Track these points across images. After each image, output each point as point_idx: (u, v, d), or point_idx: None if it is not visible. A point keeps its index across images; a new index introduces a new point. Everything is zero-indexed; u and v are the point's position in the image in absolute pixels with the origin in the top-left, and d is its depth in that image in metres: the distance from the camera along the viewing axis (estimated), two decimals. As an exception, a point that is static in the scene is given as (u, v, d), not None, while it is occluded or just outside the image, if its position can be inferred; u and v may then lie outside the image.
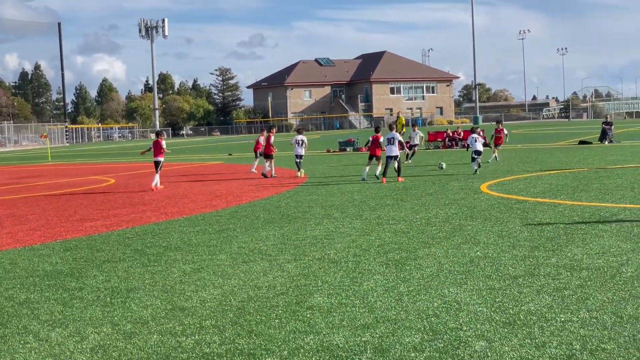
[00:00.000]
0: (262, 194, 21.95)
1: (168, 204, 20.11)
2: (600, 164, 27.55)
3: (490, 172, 25.76)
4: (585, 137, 48.73)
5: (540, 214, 15.20)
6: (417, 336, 7.37)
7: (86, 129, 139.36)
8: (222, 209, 18.52)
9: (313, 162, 36.87)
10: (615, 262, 10.32)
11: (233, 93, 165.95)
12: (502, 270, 10.16)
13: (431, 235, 13.30)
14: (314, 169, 31.49)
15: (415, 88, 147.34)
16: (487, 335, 7.30)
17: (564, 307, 8.17)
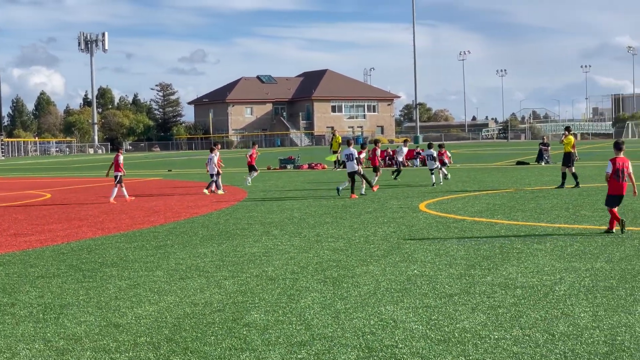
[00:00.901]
0: (201, 210, 21.82)
1: (105, 220, 19.87)
2: (536, 184, 28.00)
3: (429, 191, 26.00)
4: (522, 158, 49.51)
5: (477, 233, 15.37)
6: (353, 353, 7.39)
7: (22, 143, 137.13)
8: (160, 225, 18.35)
9: (253, 179, 36.75)
10: (549, 281, 10.48)
11: (174, 109, 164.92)
12: (439, 288, 10.24)
13: (369, 253, 13.36)
14: (254, 186, 31.42)
15: (357, 107, 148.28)
16: (422, 353, 7.34)
17: (497, 324, 8.26)
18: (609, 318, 8.40)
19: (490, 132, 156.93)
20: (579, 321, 8.30)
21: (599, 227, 15.65)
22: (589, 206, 19.82)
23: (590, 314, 8.61)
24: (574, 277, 10.68)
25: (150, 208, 22.80)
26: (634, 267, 11.30)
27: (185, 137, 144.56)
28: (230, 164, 54.00)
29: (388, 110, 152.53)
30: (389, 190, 26.91)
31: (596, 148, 74.18)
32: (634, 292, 9.61)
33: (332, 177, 36.10)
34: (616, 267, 11.30)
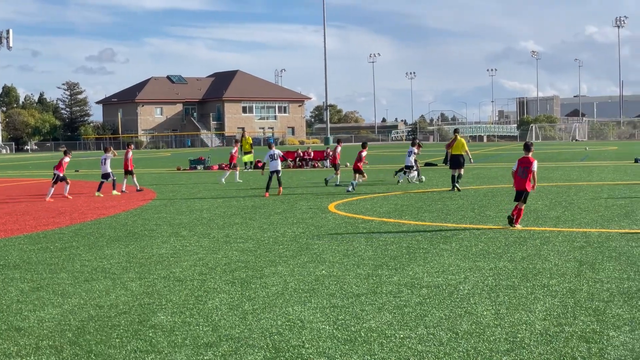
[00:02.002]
0: (109, 211, 21.48)
1: (8, 221, 19.37)
2: (443, 185, 28.45)
3: (338, 192, 26.16)
4: (431, 159, 50.25)
5: (385, 234, 15.55)
6: (260, 354, 7.39)
7: None
8: (66, 227, 18.00)
9: (163, 180, 36.40)
10: (454, 280, 10.68)
11: (81, 108, 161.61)
12: (346, 288, 10.33)
13: (278, 254, 13.38)
14: (164, 188, 31.08)
15: (268, 108, 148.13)
16: (328, 353, 7.39)
17: (403, 324, 8.38)
18: (510, 316, 8.61)
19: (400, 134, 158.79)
20: (482, 319, 8.49)
21: (504, 228, 16.02)
22: (494, 207, 20.26)
23: (492, 312, 8.81)
24: (478, 277, 10.91)
25: (55, 209, 22.33)
26: (535, 266, 11.61)
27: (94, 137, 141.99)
28: (140, 164, 53.29)
29: (299, 111, 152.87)
30: (299, 191, 26.97)
31: (502, 150, 75.87)
32: (535, 291, 9.88)
33: (242, 177, 35.93)
34: (518, 267, 11.59)
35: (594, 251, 12.83)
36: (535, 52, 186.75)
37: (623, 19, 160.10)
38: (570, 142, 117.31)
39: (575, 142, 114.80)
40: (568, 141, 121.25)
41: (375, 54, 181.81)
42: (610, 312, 8.70)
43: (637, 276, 10.67)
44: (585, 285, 10.15)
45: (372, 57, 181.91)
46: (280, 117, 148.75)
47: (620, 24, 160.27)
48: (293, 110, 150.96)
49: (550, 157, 53.31)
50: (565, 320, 8.40)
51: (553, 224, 16.53)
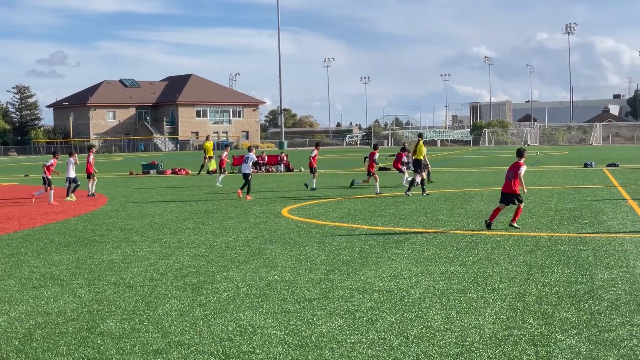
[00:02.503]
0: (59, 216, 21.21)
1: (-45, 227, 19.03)
2: (396, 190, 28.57)
3: (292, 197, 26.14)
4: (384, 164, 50.41)
5: (338, 238, 15.57)
6: (210, 360, 7.34)
7: None
8: (14, 232, 17.73)
9: (114, 184, 36.07)
10: (405, 285, 10.72)
11: (32, 112, 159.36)
12: (298, 293, 10.31)
13: (230, 259, 13.32)
14: (115, 192, 30.79)
15: (222, 112, 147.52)
16: (279, 358, 7.38)
17: (354, 328, 8.39)
18: (461, 320, 8.67)
19: (354, 138, 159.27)
20: (432, 323, 8.53)
21: (455, 232, 16.14)
22: (446, 211, 20.39)
23: (443, 316, 8.86)
24: (429, 281, 10.96)
25: (4, 214, 21.98)
26: (486, 270, 11.71)
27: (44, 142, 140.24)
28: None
29: (253, 115, 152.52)
30: (253, 196, 26.88)
31: (455, 155, 76.48)
32: (485, 295, 9.95)
33: (196, 182, 35.76)
34: (469, 271, 11.67)
35: (543, 255, 12.97)
36: (488, 57, 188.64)
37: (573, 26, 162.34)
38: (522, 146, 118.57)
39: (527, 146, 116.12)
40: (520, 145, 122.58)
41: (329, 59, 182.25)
42: (558, 315, 8.80)
43: (585, 279, 10.81)
44: (534, 289, 10.26)
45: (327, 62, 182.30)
46: (234, 122, 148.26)
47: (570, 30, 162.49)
48: (247, 115, 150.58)
49: (502, 161, 53.80)
50: (514, 323, 8.48)
51: (504, 228, 16.68)
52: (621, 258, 12.49)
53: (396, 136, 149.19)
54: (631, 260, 12.29)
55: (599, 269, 11.60)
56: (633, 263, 12.01)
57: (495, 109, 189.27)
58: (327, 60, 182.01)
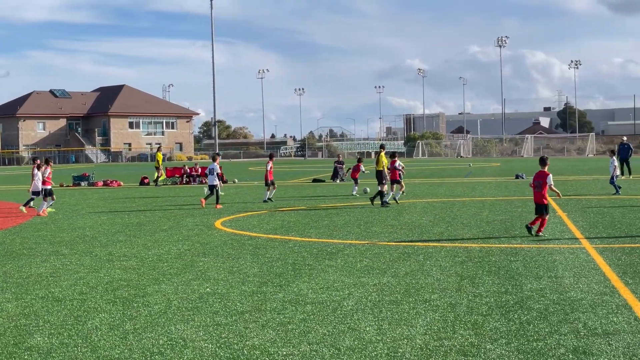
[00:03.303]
0: (-14, 229, 20.73)
1: None
2: (331, 201, 28.66)
3: (226, 209, 26.01)
4: (318, 176, 50.57)
5: (271, 250, 15.52)
6: (140, 375, 7.24)
7: None
8: (-61, 246, 17.28)
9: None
10: (338, 297, 10.74)
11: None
12: (230, 306, 10.25)
13: (162, 271, 13.18)
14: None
15: (155, 123, 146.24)
16: (210, 372, 7.30)
17: (286, 341, 8.36)
18: (392, 331, 8.71)
19: (289, 150, 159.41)
20: (364, 335, 8.55)
21: (388, 243, 16.24)
22: (379, 222, 20.50)
23: (375, 327, 8.89)
24: (362, 292, 11.00)
25: None
26: (418, 281, 11.79)
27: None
28: (20, 180, 51.80)
29: (187, 127, 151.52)
30: (186, 208, 26.70)
31: (388, 166, 76.89)
32: (417, 306, 10.02)
33: (128, 194, 35.36)
34: (401, 282, 11.74)
35: (474, 266, 13.12)
36: (422, 70, 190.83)
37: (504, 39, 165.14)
38: (455, 158, 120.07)
39: (460, 158, 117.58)
40: (453, 157, 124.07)
41: (264, 70, 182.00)
42: (488, 325, 8.90)
43: (515, 290, 10.96)
44: (465, 300, 10.36)
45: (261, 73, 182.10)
46: (168, 133, 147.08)
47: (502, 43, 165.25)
48: (181, 126, 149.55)
49: (436, 173, 54.43)
50: (445, 334, 8.55)
51: (436, 239, 16.84)
52: (550, 268, 12.70)
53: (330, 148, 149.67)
54: (560, 270, 12.51)
55: (528, 279, 11.78)
56: (561, 273, 12.22)
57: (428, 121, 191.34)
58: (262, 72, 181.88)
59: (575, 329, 8.66)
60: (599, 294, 10.56)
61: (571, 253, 14.34)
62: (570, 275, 12.04)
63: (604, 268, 12.58)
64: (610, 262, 13.19)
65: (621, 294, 10.52)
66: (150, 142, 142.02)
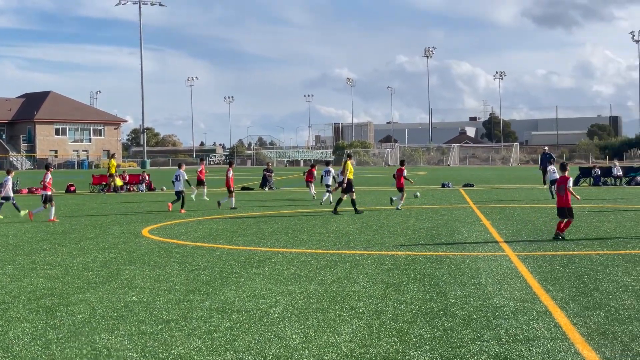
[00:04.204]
0: None
1: None
2: (260, 209, 28.63)
3: (153, 217, 25.78)
4: (247, 184, 50.46)
5: (199, 258, 15.45)
6: (62, 385, 7.14)
7: None
8: None
9: None
10: (265, 304, 10.75)
11: None
12: (156, 314, 10.18)
13: (87, 280, 13.01)
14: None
15: (82, 130, 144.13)
16: (134, 381, 7.25)
17: (212, 349, 8.35)
18: (318, 338, 8.76)
19: (218, 158, 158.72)
20: (290, 342, 8.59)
21: (316, 251, 16.30)
22: (307, 230, 20.57)
23: (301, 335, 8.93)
24: (289, 300, 11.03)
25: None
26: (344, 289, 11.88)
27: None
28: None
29: (115, 134, 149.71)
30: (113, 216, 26.38)
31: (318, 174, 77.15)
32: (343, 313, 10.10)
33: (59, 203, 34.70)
34: (328, 290, 11.81)
35: (400, 273, 13.27)
36: (350, 79, 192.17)
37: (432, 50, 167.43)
38: (383, 167, 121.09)
39: (388, 167, 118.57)
40: (381, 166, 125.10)
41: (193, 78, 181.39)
42: (413, 332, 9.02)
43: (439, 297, 11.12)
44: (391, 307, 10.48)
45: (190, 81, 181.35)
46: (95, 140, 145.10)
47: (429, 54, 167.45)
48: (109, 133, 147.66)
49: (364, 181, 54.75)
50: (370, 341, 8.63)
51: (363, 247, 16.98)
52: (474, 276, 12.91)
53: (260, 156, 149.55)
54: (483, 277, 12.73)
55: (452, 286, 11.96)
56: (485, 280, 12.44)
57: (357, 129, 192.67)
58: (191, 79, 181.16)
59: (498, 335, 8.83)
60: (521, 300, 10.79)
61: (494, 261, 14.61)
62: (494, 282, 12.27)
63: (525, 275, 12.86)
64: (532, 269, 13.48)
65: (542, 300, 10.77)
66: (77, 149, 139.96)
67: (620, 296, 11.00)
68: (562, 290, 11.48)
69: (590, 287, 11.75)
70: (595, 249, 16.17)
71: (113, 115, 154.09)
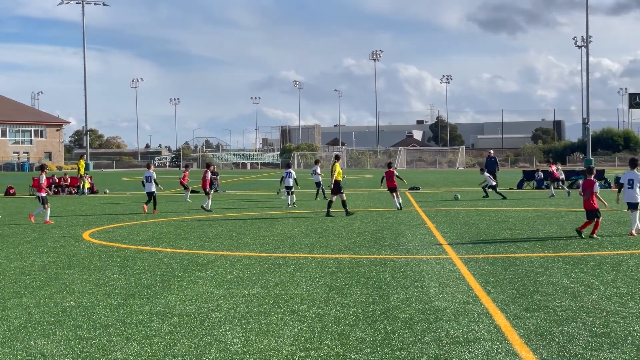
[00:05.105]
0: None
1: None
2: (205, 212, 28.41)
3: (95, 220, 25.41)
4: (193, 186, 50.03)
5: (140, 262, 15.25)
6: (-6, 393, 6.96)
7: None
8: None
9: None
10: (206, 308, 10.63)
11: None
12: (95, 319, 9.99)
13: (24, 284, 12.74)
14: None
15: (23, 131, 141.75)
16: (69, 388, 7.09)
17: (151, 354, 8.21)
18: (260, 342, 8.67)
19: (163, 160, 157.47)
20: (231, 347, 8.49)
21: (259, 254, 16.20)
22: (252, 233, 20.45)
23: (242, 339, 8.84)
24: (231, 304, 10.92)
25: None
26: (287, 292, 11.80)
27: None
28: None
29: (57, 135, 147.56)
30: (52, 219, 25.93)
31: (264, 177, 77.06)
32: (285, 317, 10.02)
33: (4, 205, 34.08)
34: (271, 293, 11.73)
35: (344, 276, 13.24)
36: (297, 82, 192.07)
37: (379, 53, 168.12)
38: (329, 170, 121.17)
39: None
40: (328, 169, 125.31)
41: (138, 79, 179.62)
42: (355, 335, 8.98)
43: (382, 300, 11.11)
44: (333, 310, 10.43)
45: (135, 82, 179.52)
46: (36, 142, 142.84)
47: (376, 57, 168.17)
48: (50, 135, 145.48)
49: (310, 184, 54.71)
50: (312, 344, 8.57)
51: (308, 250, 16.92)
52: (417, 278, 12.94)
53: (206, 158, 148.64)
54: (426, 280, 12.76)
55: (395, 289, 11.97)
56: (427, 283, 12.47)
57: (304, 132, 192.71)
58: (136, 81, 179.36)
59: (438, 337, 8.84)
60: (462, 303, 10.83)
61: (438, 263, 14.66)
62: (436, 285, 12.30)
63: (468, 278, 12.92)
64: (474, 271, 13.56)
65: (483, 302, 10.83)
66: (17, 151, 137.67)
67: (559, 298, 11.11)
68: (502, 292, 11.56)
69: (531, 289, 11.85)
70: (537, 251, 16.34)
71: (55, 117, 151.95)
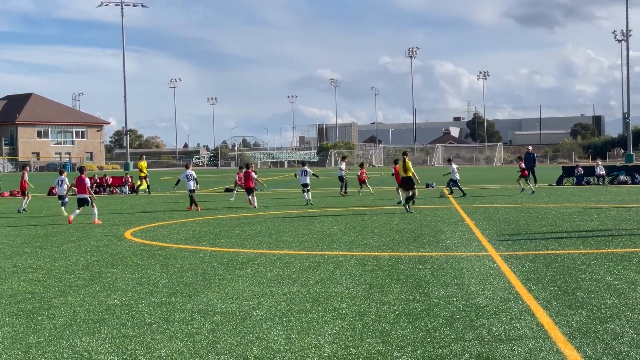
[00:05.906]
0: None
1: None
2: (242, 211, 28.58)
3: (136, 219, 25.68)
4: (231, 185, 50.32)
5: (181, 261, 15.39)
6: (42, 389, 7.09)
7: None
8: None
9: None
10: (247, 306, 10.71)
11: None
12: (138, 317, 10.12)
13: (69, 283, 12.93)
14: (-52, 215, 29.33)
15: (65, 132, 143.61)
16: (115, 385, 7.20)
17: (194, 352, 8.30)
18: (301, 340, 8.73)
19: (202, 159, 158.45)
20: (273, 344, 8.55)
21: (299, 253, 16.27)
22: (290, 232, 20.54)
23: (283, 337, 8.90)
24: (271, 302, 11.00)
25: None
26: (327, 290, 11.85)
27: None
28: None
29: (97, 136, 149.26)
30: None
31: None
32: (325, 314, 10.07)
33: (36, 205, 34.55)
34: (311, 291, 11.78)
35: (383, 274, 13.26)
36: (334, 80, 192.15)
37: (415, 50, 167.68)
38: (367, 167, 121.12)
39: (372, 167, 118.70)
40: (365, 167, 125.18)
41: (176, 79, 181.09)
42: (396, 333, 9.00)
43: (422, 297, 11.12)
44: (374, 308, 10.46)
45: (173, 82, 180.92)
46: (77, 142, 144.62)
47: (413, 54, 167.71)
48: (91, 135, 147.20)
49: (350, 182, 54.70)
50: (353, 342, 8.61)
51: (347, 248, 16.95)
52: (457, 276, 12.92)
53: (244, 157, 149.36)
54: (466, 277, 12.74)
55: (435, 287, 11.96)
56: (467, 280, 12.45)
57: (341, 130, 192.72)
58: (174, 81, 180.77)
59: (480, 335, 8.83)
60: (503, 300, 10.80)
61: (477, 261, 14.62)
62: (476, 282, 12.28)
63: (508, 275, 12.87)
64: (514, 269, 13.50)
65: (524, 300, 10.78)
66: (59, 151, 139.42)
67: (602, 295, 11.03)
68: (544, 290, 11.50)
69: (573, 286, 11.78)
70: (578, 248, 16.23)
71: (95, 117, 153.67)
